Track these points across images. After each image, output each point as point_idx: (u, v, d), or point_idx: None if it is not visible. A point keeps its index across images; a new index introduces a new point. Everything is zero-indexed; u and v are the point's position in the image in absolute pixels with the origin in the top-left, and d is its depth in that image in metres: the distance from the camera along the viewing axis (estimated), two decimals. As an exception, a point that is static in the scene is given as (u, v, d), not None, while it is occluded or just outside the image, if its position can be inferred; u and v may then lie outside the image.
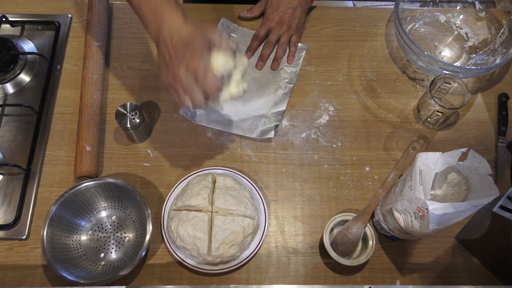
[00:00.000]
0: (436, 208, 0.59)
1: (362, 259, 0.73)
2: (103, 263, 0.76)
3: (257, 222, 0.77)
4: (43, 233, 0.72)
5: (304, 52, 0.96)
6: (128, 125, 0.80)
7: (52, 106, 0.90)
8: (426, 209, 0.60)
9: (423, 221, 0.63)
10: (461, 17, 1.00)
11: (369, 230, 0.75)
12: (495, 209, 0.63)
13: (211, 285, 0.76)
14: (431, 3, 1.02)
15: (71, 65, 0.94)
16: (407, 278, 0.76)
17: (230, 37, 0.97)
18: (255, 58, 0.95)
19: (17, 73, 0.91)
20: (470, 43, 0.98)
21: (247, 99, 0.90)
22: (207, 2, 1.02)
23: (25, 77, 0.92)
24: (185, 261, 0.75)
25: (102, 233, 0.78)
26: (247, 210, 0.75)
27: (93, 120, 0.84)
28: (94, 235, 0.78)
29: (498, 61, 0.91)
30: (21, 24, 0.98)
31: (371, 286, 0.62)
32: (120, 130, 0.87)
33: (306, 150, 0.87)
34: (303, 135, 0.88)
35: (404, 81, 0.94)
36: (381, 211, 0.76)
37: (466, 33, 0.99)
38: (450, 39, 1.00)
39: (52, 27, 0.97)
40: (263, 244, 0.78)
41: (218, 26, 0.97)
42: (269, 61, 0.95)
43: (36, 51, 0.95)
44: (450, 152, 0.65)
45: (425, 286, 0.76)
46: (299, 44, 0.97)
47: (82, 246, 0.77)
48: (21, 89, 0.91)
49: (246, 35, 0.98)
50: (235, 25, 0.99)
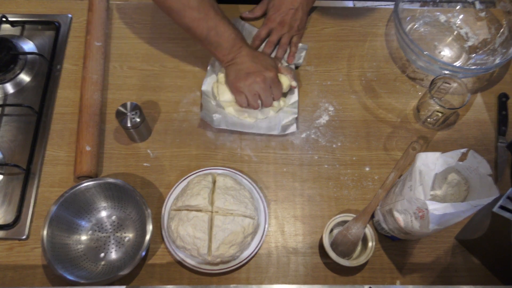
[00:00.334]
0: (436, 208, 0.59)
1: (362, 260, 0.73)
2: (103, 263, 0.76)
3: (257, 222, 0.77)
4: (43, 233, 0.72)
5: (305, 52, 0.96)
6: (129, 124, 0.80)
7: (52, 106, 0.90)
8: (426, 209, 0.60)
9: (423, 221, 0.63)
10: (461, 17, 1.00)
11: (369, 231, 0.75)
12: (495, 209, 0.63)
13: (211, 285, 0.76)
14: (431, 3, 1.02)
15: (71, 65, 0.94)
16: (407, 278, 0.76)
17: None
18: None
19: (17, 73, 0.92)
20: (470, 43, 0.98)
21: None
22: None
23: (25, 77, 0.92)
24: (185, 261, 0.75)
25: (102, 233, 0.78)
26: (247, 210, 0.75)
27: (93, 120, 0.84)
28: (94, 235, 0.78)
29: (497, 61, 0.91)
30: (21, 24, 0.98)
31: (371, 286, 0.62)
32: (120, 130, 0.87)
33: (306, 150, 0.87)
34: (303, 135, 0.88)
35: (404, 81, 0.94)
36: (381, 211, 0.76)
37: (466, 33, 0.99)
38: (450, 39, 1.00)
39: (52, 27, 0.97)
40: (263, 244, 0.78)
41: None
42: None
43: (36, 51, 0.95)
44: (450, 152, 0.65)
45: (425, 286, 0.76)
46: (300, 44, 0.97)
47: (82, 246, 0.77)
48: (21, 89, 0.91)
49: (248, 31, 0.98)
50: (238, 18, 1.00)
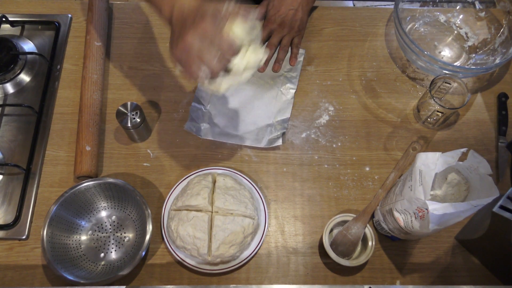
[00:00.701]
0: (436, 208, 0.59)
1: (362, 260, 0.73)
2: (103, 263, 0.76)
3: (257, 222, 0.77)
4: (43, 233, 0.72)
5: (303, 57, 0.95)
6: (129, 124, 0.80)
7: (52, 106, 0.90)
8: (426, 209, 0.60)
9: (423, 221, 0.63)
10: (461, 17, 1.00)
11: (368, 231, 0.75)
12: (495, 209, 0.63)
13: (211, 285, 0.76)
14: (431, 3, 1.02)
15: (71, 65, 0.94)
16: (407, 278, 0.76)
17: None
18: None
19: (17, 73, 0.92)
20: (470, 43, 0.98)
21: (249, 108, 0.89)
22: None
23: (25, 77, 0.92)
24: (185, 261, 0.75)
25: (102, 233, 0.78)
26: (247, 210, 0.75)
27: (93, 120, 0.84)
28: (94, 235, 0.78)
29: (497, 61, 0.91)
30: (21, 24, 0.98)
31: (371, 286, 0.62)
32: (120, 130, 0.87)
33: (306, 150, 0.87)
34: (303, 135, 0.88)
35: (404, 81, 0.94)
36: (381, 211, 0.76)
37: (466, 33, 0.99)
38: (450, 39, 1.00)
39: (52, 27, 0.97)
40: (263, 244, 0.78)
41: None
42: (270, 64, 0.94)
43: (36, 51, 0.95)
44: (450, 152, 0.65)
45: (425, 286, 0.76)
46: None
47: (82, 246, 0.77)
48: (21, 89, 0.91)
49: None
50: None
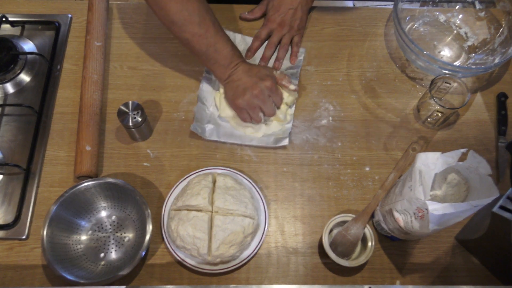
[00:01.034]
0: (436, 209, 0.59)
1: (361, 260, 0.73)
2: (103, 263, 0.76)
3: (257, 222, 0.77)
4: (43, 233, 0.72)
5: (303, 56, 0.95)
6: (130, 124, 0.80)
7: (52, 106, 0.90)
8: (426, 209, 0.60)
9: (423, 221, 0.63)
10: (461, 16, 1.00)
11: (368, 231, 0.75)
12: (495, 209, 0.63)
13: (211, 285, 0.76)
14: (430, 2, 1.02)
15: (71, 65, 0.94)
16: (407, 278, 0.76)
17: None
18: (256, 59, 0.95)
19: (17, 73, 0.92)
20: (469, 43, 0.98)
21: None
22: (208, 3, 1.02)
23: (25, 77, 0.92)
24: (185, 261, 0.75)
25: (102, 233, 0.78)
26: (247, 210, 0.75)
27: (93, 120, 0.84)
28: (94, 235, 0.78)
29: (497, 60, 0.91)
30: (21, 24, 0.98)
31: (371, 286, 0.62)
32: (121, 130, 0.87)
33: (306, 150, 0.87)
34: (303, 135, 0.88)
35: (404, 81, 0.94)
36: (381, 212, 0.76)
37: (466, 33, 0.99)
38: (450, 38, 1.00)
39: (52, 27, 0.97)
40: (263, 244, 0.78)
41: None
42: (269, 64, 0.94)
43: (36, 51, 0.95)
44: (450, 153, 0.65)
45: (425, 286, 0.76)
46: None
47: (82, 246, 0.77)
48: (21, 89, 0.91)
49: (248, 43, 0.96)
50: (231, 32, 0.95)
